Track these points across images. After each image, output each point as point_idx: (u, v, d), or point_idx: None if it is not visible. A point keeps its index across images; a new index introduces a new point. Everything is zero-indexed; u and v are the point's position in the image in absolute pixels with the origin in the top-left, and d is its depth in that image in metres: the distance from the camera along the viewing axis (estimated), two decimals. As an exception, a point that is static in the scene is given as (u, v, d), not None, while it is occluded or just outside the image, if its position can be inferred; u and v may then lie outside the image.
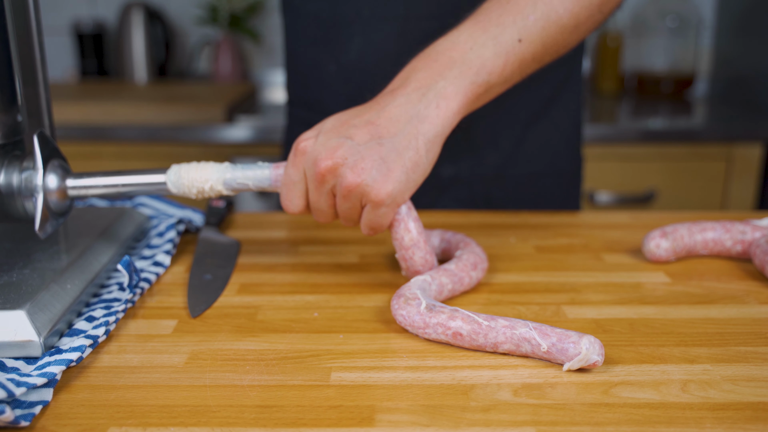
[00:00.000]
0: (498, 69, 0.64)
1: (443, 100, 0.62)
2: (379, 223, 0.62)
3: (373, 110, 0.62)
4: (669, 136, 1.72)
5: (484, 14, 0.66)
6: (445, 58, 0.63)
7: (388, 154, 0.59)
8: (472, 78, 0.63)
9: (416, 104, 0.61)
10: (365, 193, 0.59)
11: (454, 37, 0.65)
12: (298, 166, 0.61)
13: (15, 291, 0.55)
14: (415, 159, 0.60)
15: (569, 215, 0.88)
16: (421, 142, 0.61)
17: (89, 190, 0.63)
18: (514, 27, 0.65)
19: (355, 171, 0.58)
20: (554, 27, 0.66)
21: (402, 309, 0.56)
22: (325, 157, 0.59)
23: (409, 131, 0.60)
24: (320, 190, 0.61)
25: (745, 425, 0.44)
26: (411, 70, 0.64)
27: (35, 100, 0.67)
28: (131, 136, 1.72)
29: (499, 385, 0.49)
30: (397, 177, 0.59)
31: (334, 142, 0.59)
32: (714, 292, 0.65)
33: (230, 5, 2.12)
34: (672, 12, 2.06)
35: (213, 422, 0.45)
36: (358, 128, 0.60)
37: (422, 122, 0.61)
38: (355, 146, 0.59)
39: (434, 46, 0.65)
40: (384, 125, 0.60)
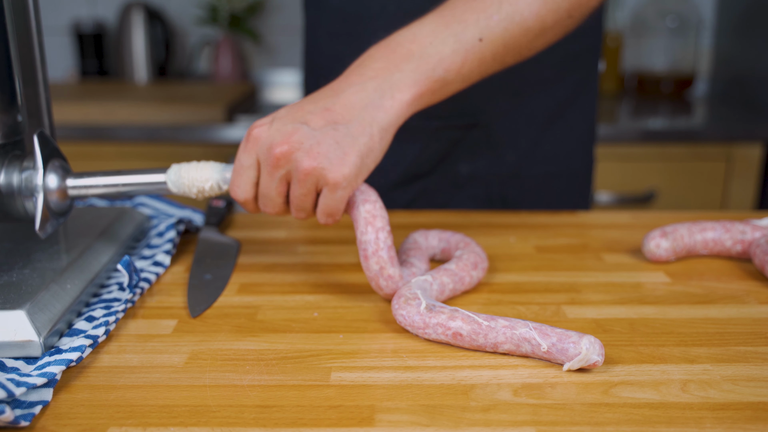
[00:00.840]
0: (456, 66, 0.64)
1: (398, 92, 0.62)
2: (335, 208, 0.61)
3: (329, 97, 0.62)
4: (669, 136, 1.72)
5: (449, 9, 0.65)
6: (404, 50, 0.63)
7: (343, 138, 0.59)
8: (428, 73, 0.63)
9: (371, 93, 0.62)
10: (322, 176, 0.59)
11: (416, 30, 0.65)
12: (251, 152, 0.61)
13: (15, 291, 0.55)
14: (369, 144, 0.60)
15: (569, 215, 0.88)
16: (375, 129, 0.61)
17: (89, 190, 0.63)
18: (477, 26, 0.64)
19: (311, 155, 0.58)
20: (518, 29, 0.65)
21: (402, 309, 0.56)
22: (281, 142, 0.59)
23: (363, 118, 0.61)
24: (273, 176, 0.60)
25: (745, 425, 0.44)
26: (368, 58, 0.64)
27: (35, 100, 0.67)
28: (131, 136, 1.72)
29: (499, 385, 0.49)
30: (352, 161, 0.59)
31: (289, 127, 0.60)
32: (714, 292, 0.65)
33: (230, 5, 2.12)
34: (672, 12, 2.06)
35: (213, 422, 0.45)
36: (314, 114, 0.60)
37: (377, 111, 0.61)
38: (311, 131, 0.59)
39: (395, 36, 0.65)
40: (339, 111, 0.61)
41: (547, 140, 0.94)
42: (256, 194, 0.63)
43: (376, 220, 0.60)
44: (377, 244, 0.59)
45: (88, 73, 2.18)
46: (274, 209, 0.63)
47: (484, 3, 0.65)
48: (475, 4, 0.65)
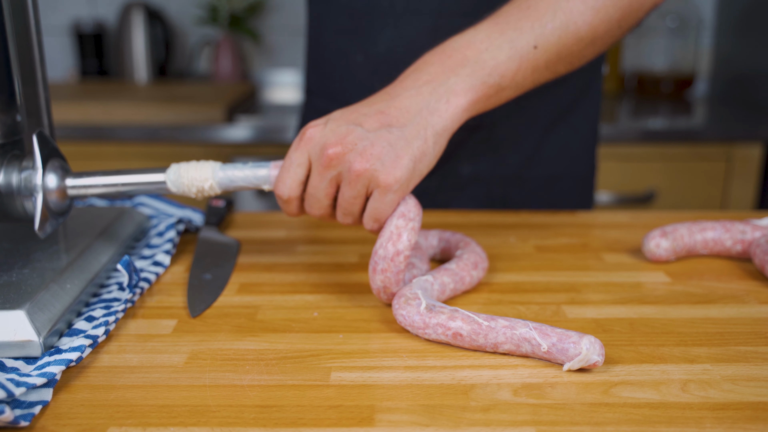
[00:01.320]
0: (510, 73, 0.64)
1: (453, 96, 0.62)
2: (384, 211, 0.61)
3: (384, 100, 0.62)
4: (669, 136, 1.72)
5: (503, 17, 0.66)
6: (460, 55, 0.64)
7: (397, 141, 0.59)
8: (483, 78, 0.63)
9: (427, 97, 0.62)
10: (374, 178, 0.59)
11: (471, 36, 0.65)
12: (303, 150, 0.61)
13: (14, 291, 0.55)
14: (423, 149, 0.60)
15: (569, 215, 0.88)
16: (429, 133, 0.61)
17: (89, 190, 0.63)
18: (532, 33, 0.65)
19: (364, 156, 0.58)
20: (571, 38, 0.66)
21: (402, 309, 0.56)
22: (335, 142, 0.59)
23: (418, 122, 0.61)
24: (324, 176, 0.60)
25: (745, 425, 0.44)
26: (424, 63, 0.65)
27: (34, 99, 0.67)
28: (131, 136, 1.72)
29: (499, 385, 0.49)
30: (405, 164, 0.59)
31: (344, 128, 0.59)
32: (714, 292, 0.64)
33: (230, 5, 2.12)
34: (672, 12, 2.06)
35: (213, 422, 0.45)
36: (369, 116, 0.60)
37: (431, 114, 0.61)
38: (365, 133, 0.59)
39: (450, 42, 0.65)
40: (394, 114, 0.61)
41: (549, 143, 0.94)
42: (300, 194, 0.63)
43: (400, 240, 0.59)
44: (388, 264, 0.58)
45: (88, 73, 2.18)
46: (320, 211, 0.63)
47: (539, 11, 0.65)
48: (529, 12, 0.65)
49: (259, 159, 1.66)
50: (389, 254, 0.58)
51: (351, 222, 0.63)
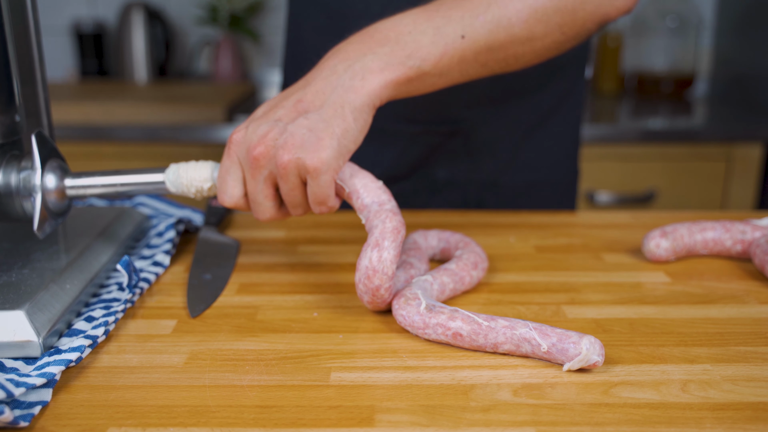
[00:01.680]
0: (433, 58, 0.63)
1: (369, 73, 0.61)
2: (324, 194, 0.60)
3: (300, 89, 0.62)
4: (669, 136, 1.72)
5: (435, 5, 0.65)
6: (381, 35, 0.63)
7: (315, 125, 0.59)
8: (402, 59, 0.62)
9: (341, 75, 0.61)
10: (301, 166, 0.59)
11: (397, 20, 0.64)
12: (232, 155, 0.61)
13: (14, 291, 0.55)
14: (343, 126, 0.60)
15: (569, 215, 0.88)
16: (347, 110, 0.60)
17: (88, 190, 0.63)
18: (461, 23, 0.64)
19: (286, 148, 0.58)
20: (504, 33, 0.65)
21: (402, 309, 0.56)
22: (257, 143, 0.59)
23: (334, 101, 0.60)
24: (256, 178, 0.60)
25: (745, 425, 0.44)
26: (344, 44, 0.64)
27: (33, 99, 0.67)
28: (131, 136, 1.72)
29: (499, 385, 0.49)
30: (328, 143, 0.59)
31: (264, 127, 0.60)
32: (714, 292, 0.64)
33: (230, 5, 2.12)
34: (672, 12, 2.06)
35: (212, 422, 0.45)
36: (286, 109, 0.61)
37: (347, 92, 0.61)
38: (284, 126, 0.59)
39: (374, 25, 0.65)
40: (310, 100, 0.61)
41: (527, 149, 0.94)
42: (243, 196, 0.63)
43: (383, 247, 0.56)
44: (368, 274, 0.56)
45: (88, 73, 2.18)
46: (267, 214, 0.63)
47: (473, 3, 0.65)
48: (463, 2, 0.65)
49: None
50: (372, 262, 0.57)
51: (302, 213, 0.63)
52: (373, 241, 0.57)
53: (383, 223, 0.57)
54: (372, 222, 0.59)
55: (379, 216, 0.58)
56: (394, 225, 0.57)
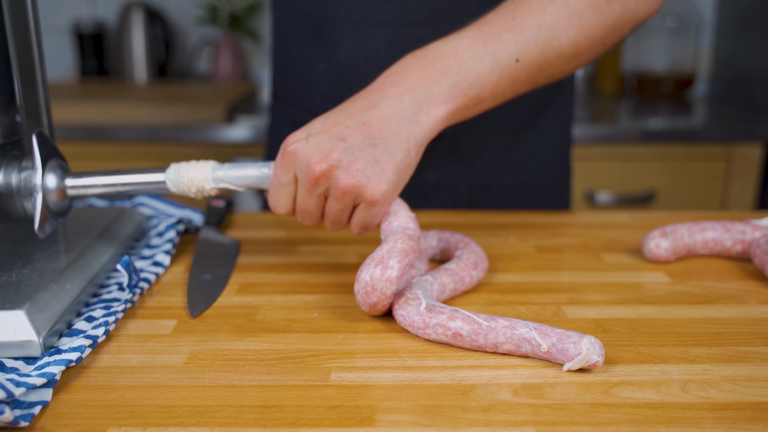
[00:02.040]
0: (491, 85, 0.64)
1: (434, 106, 0.62)
2: (371, 222, 0.62)
3: (365, 110, 0.62)
4: (669, 136, 1.72)
5: (488, 26, 0.65)
6: (442, 63, 0.63)
7: (381, 155, 0.60)
8: (464, 90, 0.63)
9: (408, 107, 0.62)
10: (360, 194, 0.59)
11: (455, 44, 0.65)
12: (288, 168, 0.61)
13: (14, 291, 0.55)
14: (406, 160, 0.61)
15: (569, 215, 0.88)
16: (412, 144, 0.61)
17: (88, 190, 0.63)
18: (515, 46, 0.64)
19: (349, 173, 0.58)
20: (553, 53, 0.66)
21: (402, 309, 0.56)
22: (319, 160, 0.59)
23: (400, 133, 0.61)
24: (311, 193, 0.61)
25: (745, 425, 0.44)
26: (405, 68, 0.64)
27: (34, 99, 0.67)
28: (131, 136, 1.72)
29: (499, 385, 0.49)
30: (390, 177, 0.60)
31: (327, 144, 0.59)
32: (714, 292, 0.64)
33: (230, 5, 2.12)
34: (672, 12, 2.06)
35: (213, 422, 0.45)
36: (351, 129, 0.60)
37: (413, 125, 0.61)
38: (349, 148, 0.59)
39: (432, 47, 0.65)
40: (376, 125, 0.61)
41: (517, 150, 0.93)
42: (294, 207, 0.64)
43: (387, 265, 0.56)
44: (366, 290, 0.56)
45: (88, 73, 2.18)
46: (312, 222, 0.64)
47: (523, 25, 0.65)
48: (514, 24, 0.65)
49: (259, 159, 1.67)
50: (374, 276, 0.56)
51: (339, 229, 0.65)
52: (378, 256, 0.56)
53: (395, 242, 0.57)
54: (386, 239, 0.60)
55: (395, 235, 0.58)
56: (405, 247, 0.56)
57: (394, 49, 0.85)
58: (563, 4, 0.65)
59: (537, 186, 0.97)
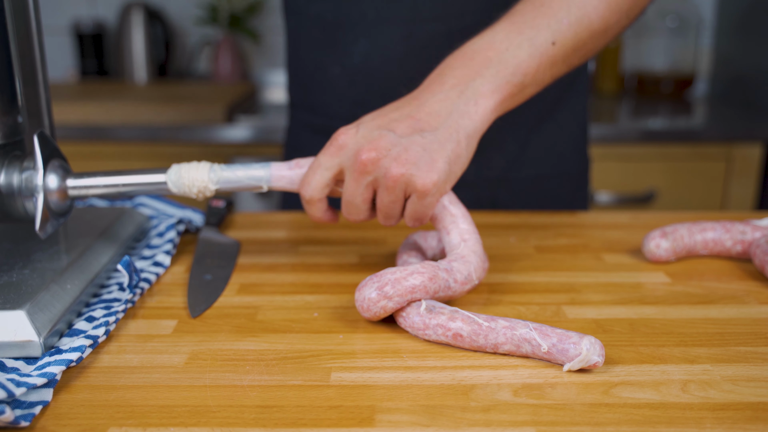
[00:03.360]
0: (532, 70, 0.65)
1: (481, 97, 0.63)
2: (424, 213, 0.62)
3: (413, 105, 0.62)
4: (669, 136, 1.72)
5: (519, 15, 0.67)
6: (482, 57, 0.64)
7: (430, 145, 0.60)
8: (508, 78, 0.64)
9: (455, 100, 0.62)
10: (410, 183, 0.59)
11: (490, 37, 0.66)
12: (334, 156, 0.61)
13: (15, 291, 0.55)
14: (457, 151, 0.61)
15: (569, 215, 0.88)
16: (462, 135, 0.61)
17: (89, 190, 0.63)
18: (549, 30, 0.66)
19: (399, 161, 0.58)
20: (586, 31, 0.67)
21: (402, 310, 0.56)
22: (369, 148, 0.59)
23: (449, 125, 0.61)
24: (359, 182, 0.60)
25: (745, 425, 0.44)
26: (447, 68, 0.65)
27: (35, 100, 0.67)
28: (131, 136, 1.72)
29: (499, 386, 0.49)
30: (440, 167, 0.59)
31: (376, 133, 0.60)
32: (714, 292, 0.65)
33: (230, 5, 2.12)
34: (672, 12, 2.06)
35: (213, 422, 0.45)
36: (400, 121, 0.61)
37: (462, 117, 0.62)
38: (398, 138, 0.59)
39: (470, 44, 0.66)
40: (425, 119, 0.61)
41: (535, 143, 0.94)
42: (324, 197, 0.63)
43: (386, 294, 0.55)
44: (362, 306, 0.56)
45: (88, 73, 2.18)
46: (359, 216, 0.63)
47: (553, 8, 0.66)
48: (544, 9, 0.66)
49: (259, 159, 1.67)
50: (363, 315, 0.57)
51: (393, 223, 0.64)
52: (385, 280, 0.55)
53: (411, 275, 0.55)
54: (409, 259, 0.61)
55: (424, 265, 0.56)
56: (416, 284, 0.55)
57: (408, 47, 0.85)
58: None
59: (557, 178, 0.97)
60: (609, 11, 0.68)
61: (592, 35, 0.68)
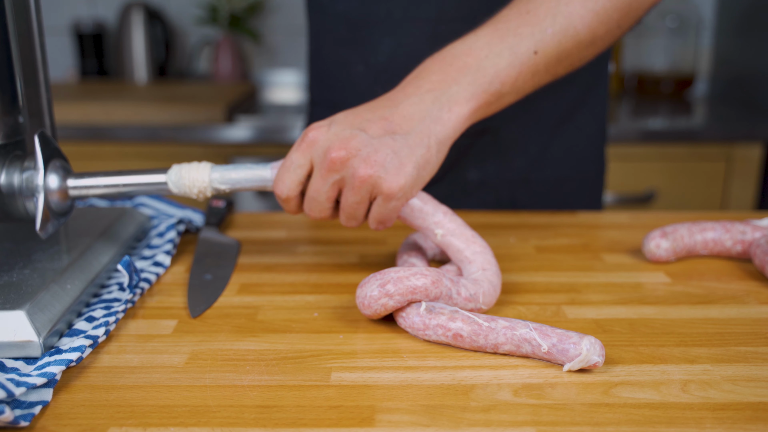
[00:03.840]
0: (511, 79, 0.65)
1: (456, 105, 0.62)
2: (388, 217, 0.62)
3: (387, 107, 0.62)
4: (669, 136, 1.72)
5: (503, 22, 0.66)
6: (460, 62, 0.64)
7: (401, 148, 0.59)
8: (485, 87, 0.64)
9: (429, 106, 0.62)
10: (377, 185, 0.59)
11: (471, 42, 0.65)
12: (305, 152, 0.61)
13: (15, 291, 0.55)
14: (426, 156, 0.61)
15: (569, 215, 0.88)
16: (432, 141, 0.61)
17: (90, 190, 0.63)
18: (532, 39, 0.65)
19: (368, 162, 0.58)
20: (571, 41, 0.66)
21: (402, 311, 0.56)
22: (339, 147, 0.59)
23: (421, 130, 0.61)
24: (326, 179, 0.60)
25: (745, 425, 0.44)
26: (424, 71, 0.65)
27: (36, 100, 0.67)
28: (131, 136, 1.72)
29: (500, 386, 0.49)
30: (409, 171, 0.59)
31: (347, 132, 0.59)
32: (714, 292, 0.65)
33: (230, 5, 2.12)
34: (672, 12, 2.06)
35: (213, 422, 0.45)
36: (372, 122, 0.61)
37: (434, 123, 0.61)
38: (369, 139, 0.59)
39: (450, 48, 0.65)
40: (398, 122, 0.61)
41: (556, 144, 0.94)
42: (298, 194, 0.63)
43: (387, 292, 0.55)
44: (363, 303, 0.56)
45: (88, 73, 2.18)
46: (320, 213, 0.63)
47: (538, 16, 0.65)
48: (529, 17, 0.65)
49: (259, 159, 1.67)
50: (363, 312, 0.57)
51: (355, 225, 0.63)
52: (387, 278, 0.55)
53: (414, 275, 0.55)
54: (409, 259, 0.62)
55: (431, 269, 0.56)
56: (418, 285, 0.55)
57: (433, 46, 0.85)
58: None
59: (575, 179, 0.97)
60: (597, 22, 0.67)
61: (577, 45, 0.67)
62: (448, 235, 0.63)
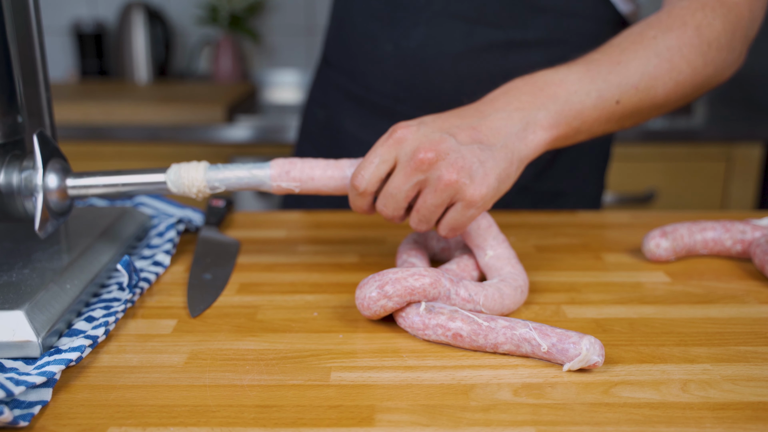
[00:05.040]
0: (591, 120, 0.66)
1: (540, 129, 0.63)
2: (463, 224, 0.62)
3: (475, 117, 0.63)
4: (669, 136, 1.72)
5: (595, 65, 0.67)
6: (551, 90, 0.65)
7: (487, 159, 0.60)
8: (569, 120, 0.65)
9: (516, 123, 0.63)
10: (460, 191, 0.59)
11: (563, 75, 0.66)
12: (391, 149, 0.60)
13: (14, 291, 0.55)
14: (508, 171, 0.61)
15: (569, 215, 0.88)
16: (515, 157, 0.62)
17: (89, 190, 0.63)
18: (618, 89, 0.66)
19: (455, 167, 0.58)
20: (649, 101, 0.69)
21: (401, 310, 0.56)
22: (428, 148, 0.59)
23: (507, 145, 0.62)
24: (409, 178, 0.60)
25: (745, 425, 0.44)
26: (514, 89, 0.65)
27: (36, 100, 0.67)
28: (131, 136, 1.72)
29: (499, 385, 0.49)
30: (491, 182, 0.60)
31: (437, 135, 0.60)
32: (714, 292, 0.65)
33: (230, 5, 2.12)
34: (672, 12, 2.05)
35: (213, 422, 0.45)
36: (461, 129, 0.61)
37: (519, 141, 0.62)
38: (457, 145, 0.59)
39: (542, 74, 0.66)
40: (486, 133, 0.61)
41: (563, 158, 0.95)
42: (375, 190, 0.62)
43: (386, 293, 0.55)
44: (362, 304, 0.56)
45: (88, 73, 2.18)
46: (394, 212, 0.62)
47: (628, 70, 0.67)
48: (619, 68, 0.67)
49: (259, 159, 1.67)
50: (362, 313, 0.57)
51: (424, 229, 0.63)
52: (386, 279, 0.55)
53: (413, 276, 0.55)
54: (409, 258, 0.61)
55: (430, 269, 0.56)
56: (416, 286, 0.55)
57: (466, 47, 0.85)
58: (667, 59, 0.68)
59: (574, 196, 0.98)
60: (674, 91, 0.69)
61: (652, 105, 0.69)
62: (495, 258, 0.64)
